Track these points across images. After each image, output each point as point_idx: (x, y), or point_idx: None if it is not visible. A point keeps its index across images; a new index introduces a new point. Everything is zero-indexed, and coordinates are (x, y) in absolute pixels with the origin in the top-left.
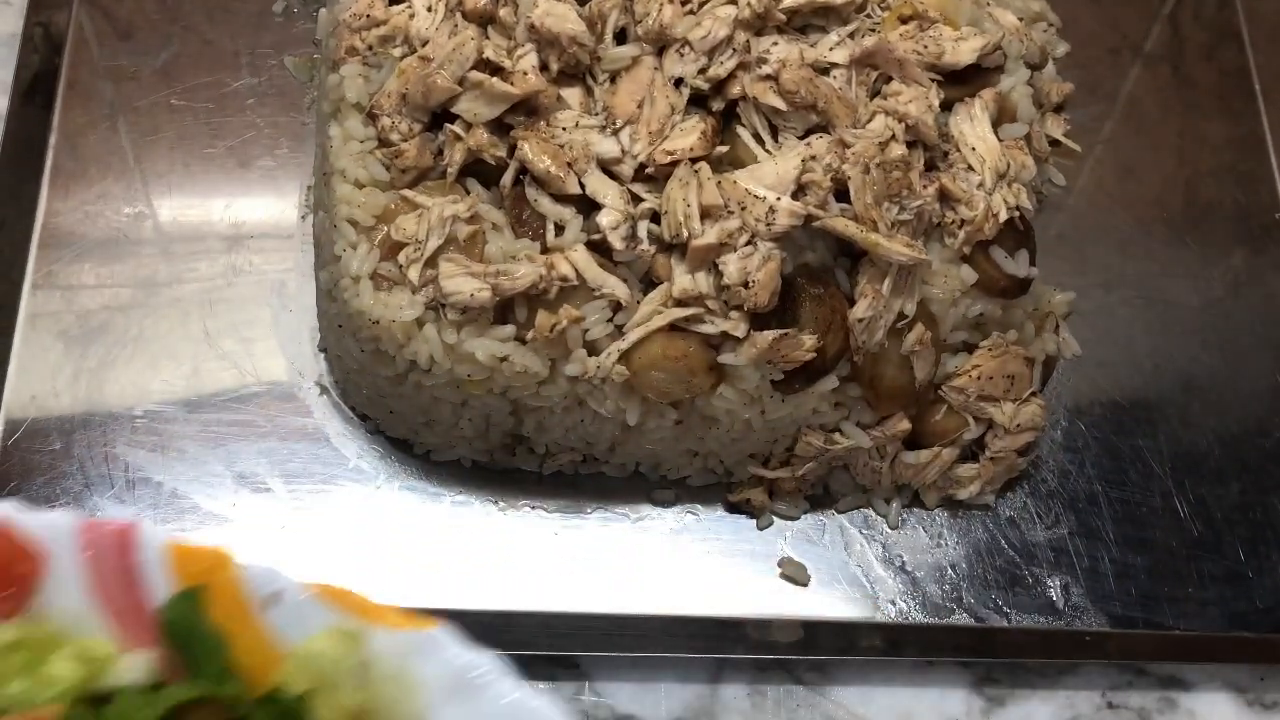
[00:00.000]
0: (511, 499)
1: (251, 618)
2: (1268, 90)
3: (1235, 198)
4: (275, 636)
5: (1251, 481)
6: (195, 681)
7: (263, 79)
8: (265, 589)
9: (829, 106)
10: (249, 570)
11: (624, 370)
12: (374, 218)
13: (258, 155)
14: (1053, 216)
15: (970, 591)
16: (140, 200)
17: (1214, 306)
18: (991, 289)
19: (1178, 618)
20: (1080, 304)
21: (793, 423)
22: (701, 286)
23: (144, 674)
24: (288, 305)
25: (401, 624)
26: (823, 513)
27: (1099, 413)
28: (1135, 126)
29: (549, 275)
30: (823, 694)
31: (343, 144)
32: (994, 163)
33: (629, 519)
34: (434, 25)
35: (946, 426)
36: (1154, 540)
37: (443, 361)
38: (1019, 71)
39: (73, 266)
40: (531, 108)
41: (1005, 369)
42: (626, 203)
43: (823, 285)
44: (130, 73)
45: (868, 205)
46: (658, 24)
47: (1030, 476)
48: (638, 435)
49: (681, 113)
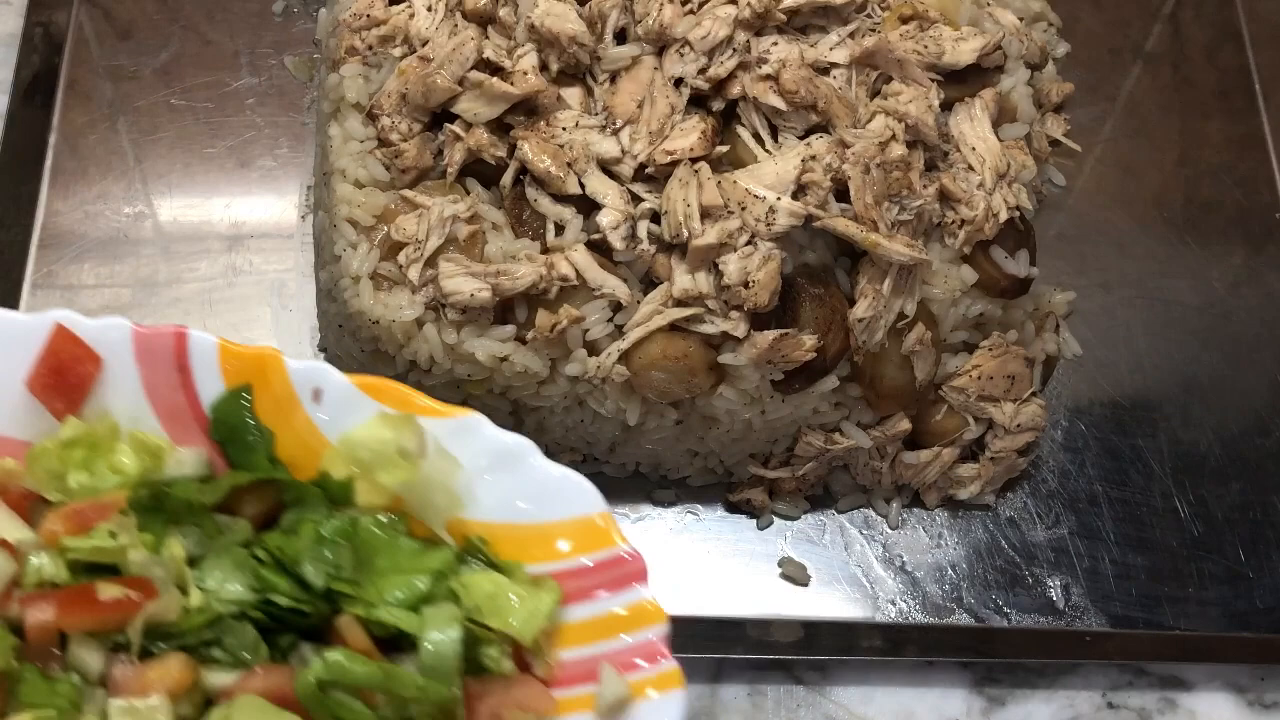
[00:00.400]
0: None
1: (297, 413)
2: (1268, 90)
3: (1235, 198)
4: (320, 428)
5: (1251, 481)
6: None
7: (263, 79)
8: (310, 385)
9: (829, 106)
10: (294, 368)
11: (624, 370)
12: (374, 218)
13: (258, 155)
14: (1053, 216)
15: (970, 591)
16: (140, 200)
17: (1214, 306)
18: (991, 289)
19: (1178, 618)
20: (1080, 304)
21: (793, 423)
22: (701, 286)
23: (196, 467)
24: (288, 305)
25: (440, 412)
26: (823, 513)
27: (1099, 413)
28: (1135, 126)
29: (549, 275)
30: (823, 694)
31: (343, 144)
32: (994, 163)
33: (629, 519)
34: (434, 25)
35: (946, 426)
36: (1154, 540)
37: (443, 361)
38: (1019, 71)
39: (73, 266)
40: (531, 108)
41: (1005, 369)
42: (626, 203)
43: (823, 285)
44: (130, 73)
45: (868, 205)
46: (658, 24)
47: (1030, 476)
48: (638, 435)
49: (681, 113)
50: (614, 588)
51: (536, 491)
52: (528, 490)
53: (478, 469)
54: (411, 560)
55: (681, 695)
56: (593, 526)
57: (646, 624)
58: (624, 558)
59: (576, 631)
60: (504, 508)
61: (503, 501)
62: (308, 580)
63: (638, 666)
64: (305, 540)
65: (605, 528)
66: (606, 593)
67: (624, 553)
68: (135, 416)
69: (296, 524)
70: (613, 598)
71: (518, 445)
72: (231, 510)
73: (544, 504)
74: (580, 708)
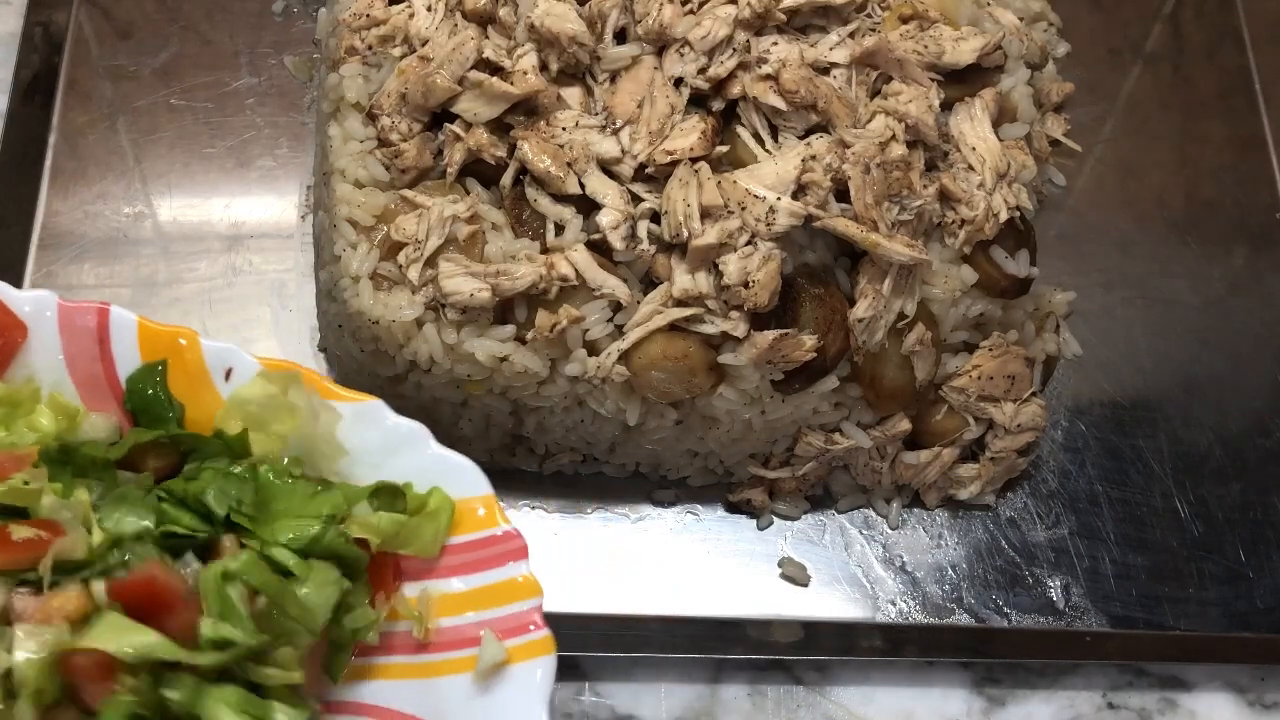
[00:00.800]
0: (511, 499)
1: (208, 389)
2: (1268, 90)
3: (1235, 198)
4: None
5: (1251, 481)
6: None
7: (263, 79)
8: (223, 364)
9: (829, 106)
10: (209, 347)
11: (624, 370)
12: (374, 218)
13: (258, 155)
14: (1053, 216)
15: (970, 591)
16: (140, 200)
17: (1214, 306)
18: (992, 289)
19: (1178, 618)
20: (1080, 304)
21: (793, 423)
22: (701, 286)
23: (108, 432)
24: (288, 305)
25: (343, 396)
26: (823, 513)
27: (1099, 413)
28: (1135, 126)
29: (549, 275)
30: (823, 694)
31: (343, 144)
32: (994, 163)
33: (629, 519)
34: (434, 25)
35: (947, 426)
36: (1154, 540)
37: (443, 361)
38: (1019, 71)
39: (73, 266)
40: (531, 108)
41: (1005, 369)
42: (626, 203)
43: (823, 285)
44: (130, 73)
45: (868, 205)
46: (658, 24)
47: (1030, 476)
48: (638, 435)
49: (681, 112)
50: (496, 563)
51: (430, 472)
52: (422, 471)
53: (383, 446)
54: (305, 504)
55: (551, 660)
56: (479, 507)
57: (524, 597)
58: (506, 536)
59: (459, 601)
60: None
61: (407, 477)
62: (210, 508)
63: (514, 634)
64: (207, 480)
65: (490, 509)
66: (489, 567)
67: (506, 532)
68: (56, 382)
69: (198, 471)
70: (494, 572)
71: (413, 430)
72: (136, 468)
73: (440, 481)
74: (461, 669)
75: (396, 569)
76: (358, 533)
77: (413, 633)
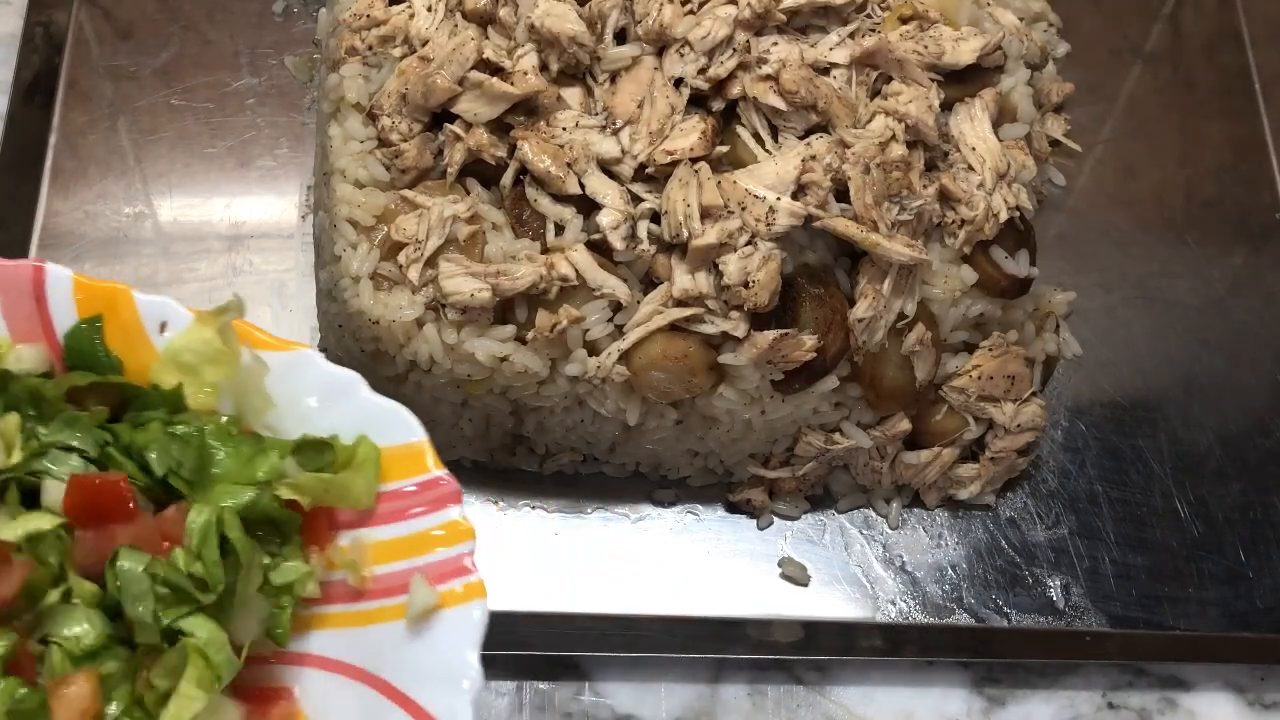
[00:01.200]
0: (511, 499)
1: (144, 343)
2: (1268, 90)
3: (1235, 198)
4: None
5: (1251, 481)
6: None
7: (263, 79)
8: (157, 318)
9: (829, 106)
10: (142, 300)
11: (624, 370)
12: (374, 218)
13: (258, 155)
14: (1053, 216)
15: (970, 591)
16: (140, 200)
17: (1214, 306)
18: (991, 289)
19: (1178, 618)
20: (1080, 304)
21: (793, 423)
22: (701, 286)
23: (35, 362)
24: (288, 305)
25: (275, 345)
26: (823, 513)
27: (1099, 413)
28: (1135, 126)
29: (549, 275)
30: (823, 694)
31: (343, 144)
32: (994, 163)
33: (629, 519)
34: (434, 25)
35: (947, 426)
36: (1154, 540)
37: (443, 361)
38: (1019, 71)
39: (73, 266)
40: (531, 108)
41: (1005, 369)
42: (626, 203)
43: (823, 285)
44: (130, 73)
45: (868, 205)
46: (658, 24)
47: (1030, 476)
48: (638, 435)
49: (681, 113)
50: (431, 508)
51: (363, 420)
52: (355, 419)
53: (318, 393)
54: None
55: (483, 604)
56: (413, 453)
57: (457, 541)
58: (440, 480)
59: (394, 548)
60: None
61: (333, 429)
62: (150, 467)
63: (447, 578)
64: (153, 433)
65: (424, 454)
66: (423, 513)
67: (440, 476)
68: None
69: (141, 420)
70: (428, 517)
71: (347, 378)
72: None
73: (370, 432)
74: (393, 616)
75: (331, 519)
76: (288, 495)
77: (348, 581)
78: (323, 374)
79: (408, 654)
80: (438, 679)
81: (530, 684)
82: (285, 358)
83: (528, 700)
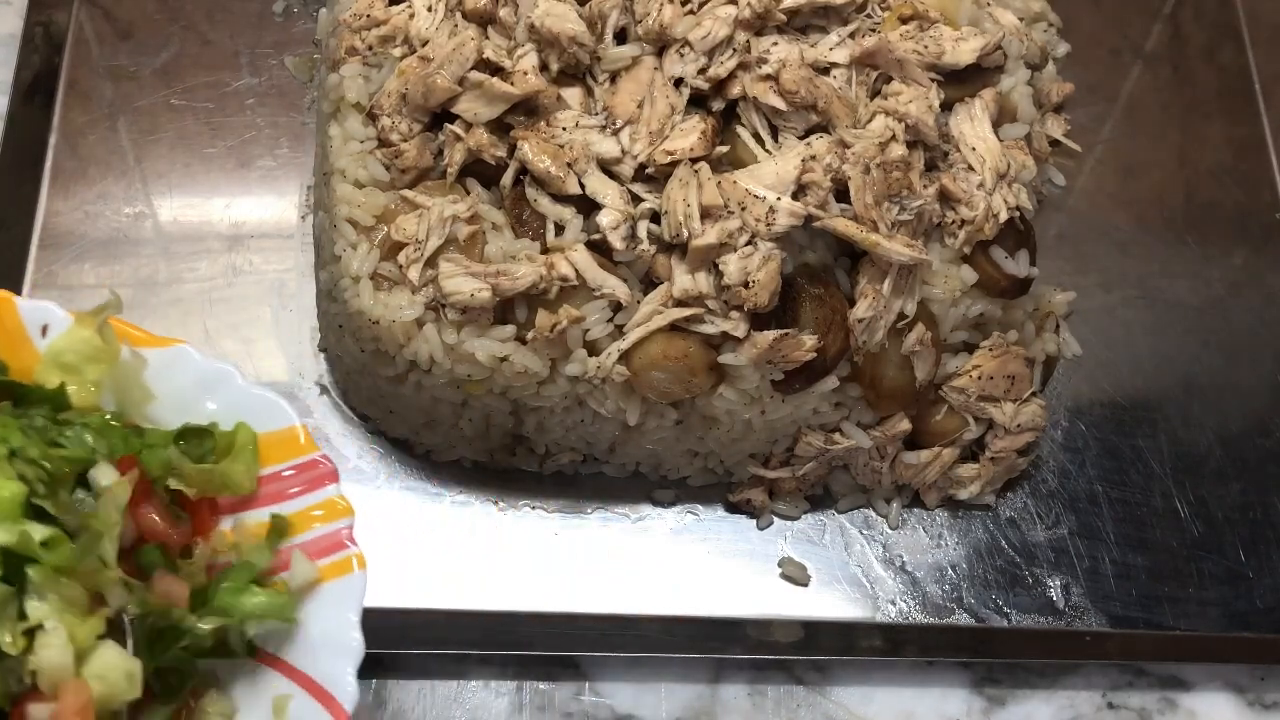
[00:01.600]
0: (511, 499)
1: (27, 345)
2: (1268, 90)
3: (1235, 198)
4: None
5: (1251, 481)
6: None
7: (263, 79)
8: (39, 321)
9: (829, 106)
10: (23, 306)
11: (624, 370)
12: (374, 218)
13: (258, 155)
14: (1053, 216)
15: (970, 591)
16: (140, 200)
17: (1214, 306)
18: (991, 289)
19: (1178, 618)
20: (1080, 304)
21: (793, 423)
22: (701, 286)
23: None
24: (288, 305)
25: (152, 342)
26: (823, 513)
27: (1099, 413)
28: (1135, 126)
29: (549, 275)
30: (823, 694)
31: (343, 144)
32: (994, 163)
33: (629, 519)
34: (434, 25)
35: (947, 426)
36: (1154, 540)
37: (443, 361)
38: (1019, 71)
39: (73, 266)
40: (531, 108)
41: (1005, 369)
42: (626, 203)
43: (823, 285)
44: (130, 73)
45: (868, 205)
46: (658, 24)
47: (1030, 476)
48: (638, 435)
49: (681, 113)
50: (308, 488)
51: (240, 409)
52: (233, 408)
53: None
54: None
55: (363, 575)
56: (290, 436)
57: (336, 518)
58: (318, 462)
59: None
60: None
61: (212, 419)
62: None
63: (327, 553)
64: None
65: (298, 439)
66: (301, 493)
67: (318, 458)
68: None
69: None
70: (307, 497)
71: (222, 370)
72: None
73: (247, 419)
74: None
75: (213, 506)
76: (175, 485)
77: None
78: (199, 367)
79: (291, 627)
80: (321, 649)
81: (530, 684)
82: (163, 353)
83: (528, 700)
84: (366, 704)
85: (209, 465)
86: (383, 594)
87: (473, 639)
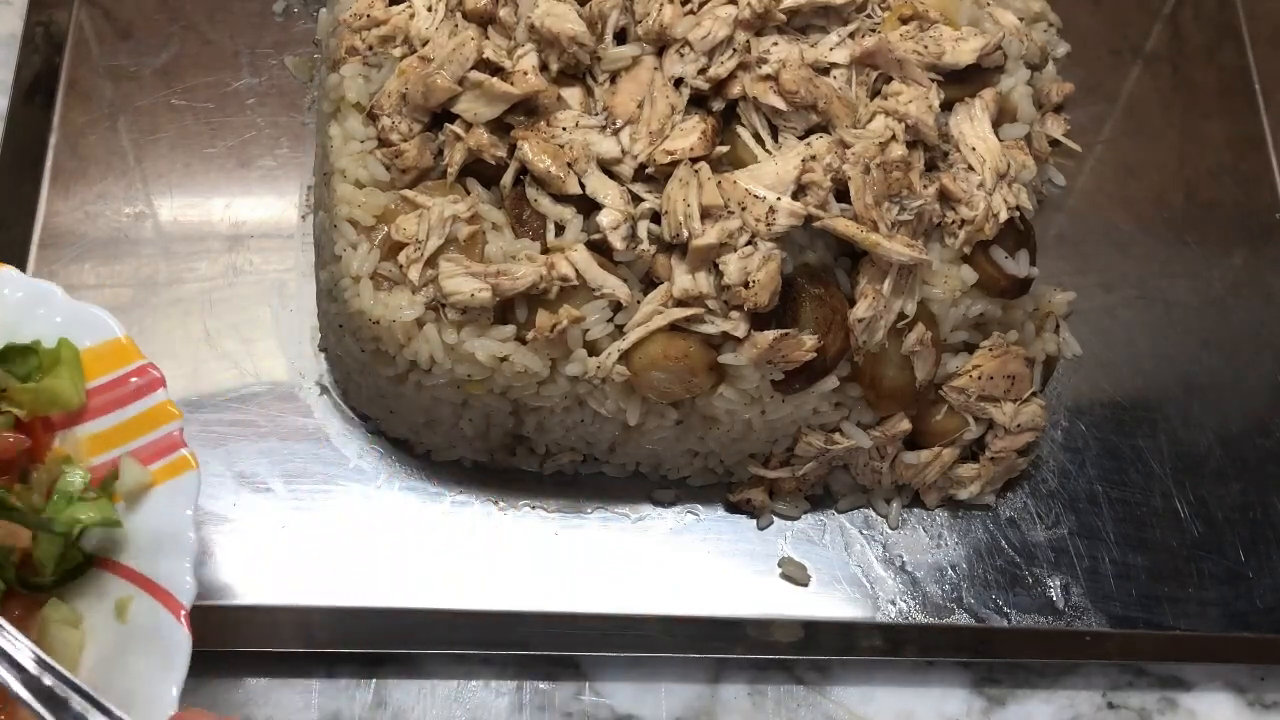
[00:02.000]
0: (511, 499)
1: None
2: (1268, 90)
3: (1235, 198)
4: None
5: (1251, 481)
6: None
7: (263, 79)
8: None
9: (829, 106)
10: None
11: (624, 370)
12: (374, 218)
13: (258, 155)
14: (1053, 216)
15: (970, 591)
16: (140, 200)
17: (1214, 306)
18: (991, 289)
19: (1178, 618)
20: (1080, 304)
21: (793, 423)
22: (702, 286)
23: None
24: (288, 305)
25: None
26: (823, 513)
27: (1099, 413)
28: (1135, 126)
29: (549, 275)
30: (823, 694)
31: (343, 144)
32: (994, 163)
33: (629, 519)
34: (434, 25)
35: (947, 426)
36: (1154, 540)
37: (443, 361)
38: (1019, 71)
39: (73, 266)
40: (531, 108)
41: (1005, 369)
42: (626, 203)
43: (823, 285)
44: (130, 73)
45: (868, 205)
46: (658, 24)
47: (1030, 476)
48: (638, 435)
49: (681, 113)
50: (138, 396)
51: (64, 325)
52: (57, 325)
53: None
54: None
55: (194, 475)
56: (117, 347)
57: (164, 422)
58: (144, 369)
59: (106, 439)
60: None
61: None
62: None
63: (158, 458)
64: None
65: (127, 346)
66: (129, 402)
67: (140, 367)
68: None
69: None
70: (135, 404)
71: (44, 287)
72: None
73: (72, 335)
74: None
75: (47, 425)
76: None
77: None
78: (20, 285)
79: (128, 531)
80: (158, 549)
81: (530, 684)
82: None
83: (528, 700)
84: (366, 704)
85: (34, 384)
86: (383, 594)
87: (473, 639)
